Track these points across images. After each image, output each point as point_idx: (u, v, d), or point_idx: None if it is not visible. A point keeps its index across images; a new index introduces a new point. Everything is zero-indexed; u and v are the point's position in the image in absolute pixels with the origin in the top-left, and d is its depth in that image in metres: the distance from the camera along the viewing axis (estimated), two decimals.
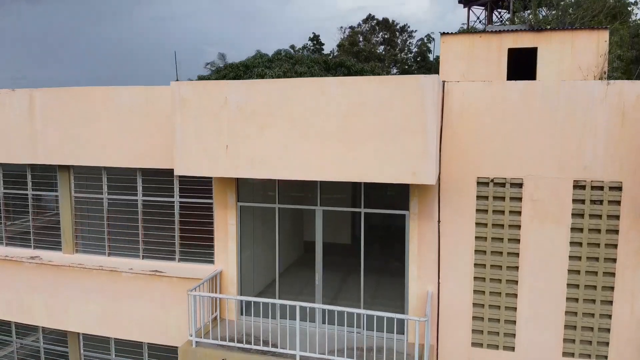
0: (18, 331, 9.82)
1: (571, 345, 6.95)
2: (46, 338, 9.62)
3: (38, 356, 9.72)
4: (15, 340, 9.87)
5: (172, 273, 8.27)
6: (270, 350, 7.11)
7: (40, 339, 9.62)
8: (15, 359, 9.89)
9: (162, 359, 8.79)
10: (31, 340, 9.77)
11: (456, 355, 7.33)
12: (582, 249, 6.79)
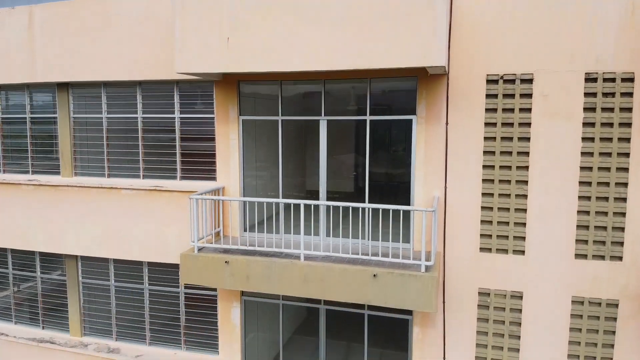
0: (15, 262, 9.62)
1: (584, 247, 6.75)
2: (43, 267, 9.41)
3: (35, 286, 9.52)
4: (12, 271, 9.67)
5: (173, 188, 8.09)
6: (274, 250, 6.95)
7: (37, 267, 9.41)
8: (11, 290, 9.69)
9: (163, 281, 8.60)
10: (28, 270, 9.56)
11: (464, 262, 7.13)
12: (594, 144, 6.60)
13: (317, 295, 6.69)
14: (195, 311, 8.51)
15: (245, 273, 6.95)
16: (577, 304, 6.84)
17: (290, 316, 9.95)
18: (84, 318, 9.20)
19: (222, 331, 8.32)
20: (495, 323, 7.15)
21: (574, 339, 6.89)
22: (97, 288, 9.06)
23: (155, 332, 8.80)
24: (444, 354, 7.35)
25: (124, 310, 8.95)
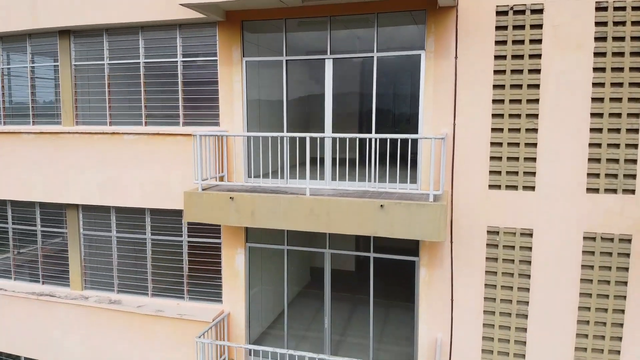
0: (14, 215, 9.49)
1: (595, 180, 6.61)
2: (43, 220, 9.27)
3: (34, 240, 9.38)
4: (11, 226, 9.53)
5: (176, 133, 7.96)
6: (279, 188, 6.86)
7: (38, 219, 9.28)
8: (10, 245, 9.55)
9: (166, 230, 8.46)
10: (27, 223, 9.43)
11: (472, 199, 6.99)
12: (605, 74, 6.47)
13: (323, 229, 6.55)
14: (199, 260, 8.37)
15: (251, 209, 6.81)
16: (589, 240, 6.69)
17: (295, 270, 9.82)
18: (85, 271, 9.06)
19: (226, 279, 8.18)
20: (505, 262, 7.01)
21: (586, 276, 6.75)
22: (98, 240, 8.92)
23: (157, 283, 8.66)
24: (452, 296, 7.21)
25: (126, 262, 8.81)
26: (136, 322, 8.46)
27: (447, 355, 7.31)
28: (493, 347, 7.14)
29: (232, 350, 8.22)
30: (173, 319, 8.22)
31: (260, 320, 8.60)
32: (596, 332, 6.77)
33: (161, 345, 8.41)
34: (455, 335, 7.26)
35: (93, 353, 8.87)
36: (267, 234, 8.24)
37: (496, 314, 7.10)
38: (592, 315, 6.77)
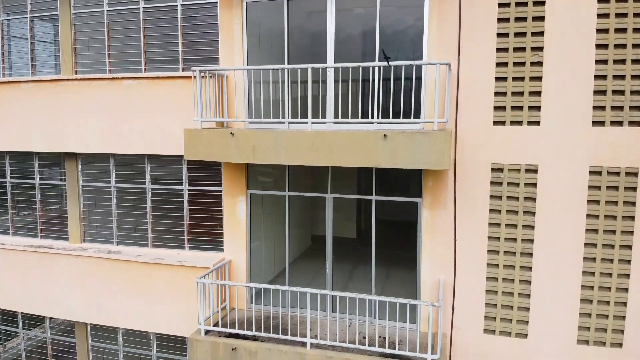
0: (12, 169, 9.40)
1: (601, 113, 6.48)
2: (42, 173, 9.19)
3: (33, 194, 9.29)
4: (9, 180, 9.44)
5: (176, 76, 7.87)
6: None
7: (36, 171, 9.19)
8: (9, 200, 9.46)
9: (166, 179, 8.38)
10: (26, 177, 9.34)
11: (476, 136, 6.88)
12: (610, 4, 6.37)
13: (324, 162, 6.46)
14: (200, 208, 8.28)
15: (252, 144, 6.72)
16: (595, 175, 6.60)
17: (297, 234, 9.73)
18: (84, 224, 8.97)
19: (227, 228, 8.07)
20: (509, 200, 6.91)
21: (592, 212, 6.65)
22: (97, 191, 8.83)
23: (157, 234, 8.56)
24: (455, 235, 7.11)
25: (125, 212, 8.71)
26: (135, 270, 8.37)
27: (451, 296, 7.21)
28: (497, 287, 7.05)
29: (232, 299, 8.11)
30: (173, 266, 8.13)
31: (262, 273, 8.49)
32: (603, 269, 6.67)
33: (161, 294, 8.31)
34: (458, 276, 7.16)
35: (92, 305, 8.78)
36: (269, 181, 8.15)
37: (500, 253, 7.00)
38: (598, 252, 6.66)
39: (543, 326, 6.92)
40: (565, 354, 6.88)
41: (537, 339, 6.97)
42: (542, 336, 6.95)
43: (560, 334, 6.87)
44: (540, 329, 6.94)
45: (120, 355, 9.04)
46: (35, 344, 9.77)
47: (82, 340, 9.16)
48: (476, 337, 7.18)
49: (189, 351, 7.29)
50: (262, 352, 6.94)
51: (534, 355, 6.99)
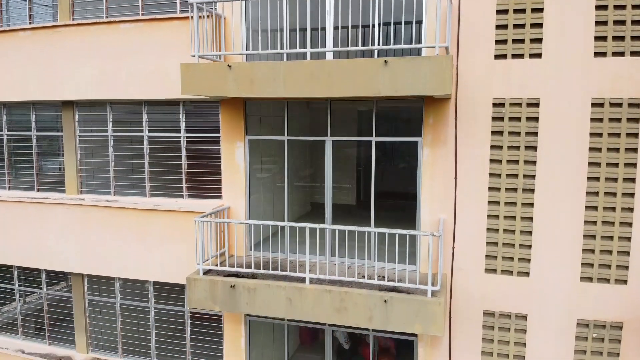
0: (10, 121, 9.32)
1: (603, 44, 6.42)
2: (39, 124, 9.11)
3: (29, 145, 9.20)
4: (6, 133, 9.35)
5: (174, 17, 7.80)
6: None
7: (33, 123, 9.10)
8: (5, 153, 9.37)
9: (164, 126, 8.29)
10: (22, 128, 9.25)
11: (478, 69, 6.81)
12: None
13: (324, 92, 6.37)
14: (198, 156, 8.20)
15: (249, 77, 6.64)
16: (597, 107, 6.51)
17: (297, 200, 9.63)
18: (81, 175, 8.88)
19: (226, 174, 7.97)
20: (511, 135, 6.82)
21: (595, 145, 6.55)
22: (94, 141, 8.74)
23: (155, 182, 8.46)
24: (456, 175, 7.03)
25: (122, 162, 8.62)
26: (133, 218, 8.28)
27: (451, 235, 7.12)
28: (498, 225, 6.96)
29: (232, 247, 8.02)
30: (171, 212, 8.05)
31: (261, 226, 8.39)
32: (606, 203, 6.59)
33: (159, 242, 8.22)
34: (459, 215, 7.08)
35: (88, 255, 8.68)
36: (267, 126, 8.08)
37: (502, 190, 6.91)
38: (601, 185, 6.58)
39: (545, 264, 6.84)
40: (568, 292, 6.79)
41: (539, 277, 6.88)
42: (544, 274, 6.86)
43: (563, 272, 6.79)
44: (542, 267, 6.86)
45: (118, 308, 8.94)
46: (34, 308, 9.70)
47: (79, 294, 9.06)
48: (477, 277, 7.10)
49: (187, 291, 7.20)
50: (261, 288, 6.85)
51: (536, 294, 6.90)
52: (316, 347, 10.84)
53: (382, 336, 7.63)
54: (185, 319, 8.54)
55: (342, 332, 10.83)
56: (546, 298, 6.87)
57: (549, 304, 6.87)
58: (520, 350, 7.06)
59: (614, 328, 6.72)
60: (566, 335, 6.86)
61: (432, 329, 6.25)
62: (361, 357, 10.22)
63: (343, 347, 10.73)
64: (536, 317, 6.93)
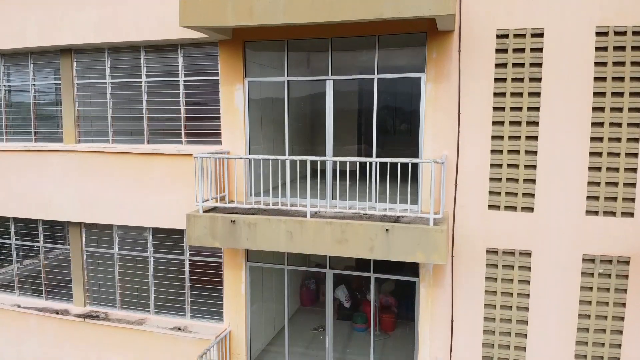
0: (7, 72, 9.23)
1: None
2: (37, 73, 9.01)
3: (27, 96, 9.11)
4: (4, 84, 9.26)
5: None
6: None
7: (31, 73, 9.01)
8: (2, 104, 9.28)
9: (162, 70, 8.18)
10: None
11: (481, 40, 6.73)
12: None
13: (326, 17, 6.27)
14: (196, 99, 8.10)
15: (249, 6, 6.54)
16: (602, 36, 6.41)
17: None
18: (79, 123, 8.77)
19: (225, 118, 7.85)
20: (515, 67, 6.71)
21: (599, 74, 6.44)
22: (92, 88, 8.64)
23: (153, 129, 8.36)
24: (459, 109, 6.92)
25: (121, 109, 8.52)
26: (131, 163, 8.19)
27: (454, 173, 7.00)
28: (502, 160, 6.83)
29: (232, 193, 7.87)
30: (170, 156, 7.98)
31: (261, 179, 8.29)
32: (611, 134, 6.46)
33: (157, 186, 8.13)
34: (462, 151, 6.96)
35: (86, 203, 8.58)
36: (267, 69, 7.97)
37: (505, 124, 6.79)
38: (606, 116, 6.45)
39: (550, 198, 6.72)
40: (574, 226, 6.67)
41: (544, 212, 6.76)
42: (548, 209, 6.74)
43: (568, 205, 6.67)
44: (546, 202, 6.74)
45: (116, 259, 8.83)
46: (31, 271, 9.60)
47: (77, 246, 8.94)
48: (480, 213, 6.98)
49: (187, 229, 7.09)
50: (261, 223, 6.74)
51: (541, 230, 6.79)
52: (317, 309, 10.75)
53: (382, 277, 7.51)
54: (185, 268, 8.42)
55: (342, 290, 10.75)
56: (551, 233, 6.75)
57: (554, 239, 6.75)
58: (524, 289, 6.94)
59: (620, 263, 6.61)
60: (572, 272, 6.75)
61: (434, 257, 6.15)
62: (362, 314, 10.13)
63: (344, 305, 10.65)
64: (541, 254, 6.82)
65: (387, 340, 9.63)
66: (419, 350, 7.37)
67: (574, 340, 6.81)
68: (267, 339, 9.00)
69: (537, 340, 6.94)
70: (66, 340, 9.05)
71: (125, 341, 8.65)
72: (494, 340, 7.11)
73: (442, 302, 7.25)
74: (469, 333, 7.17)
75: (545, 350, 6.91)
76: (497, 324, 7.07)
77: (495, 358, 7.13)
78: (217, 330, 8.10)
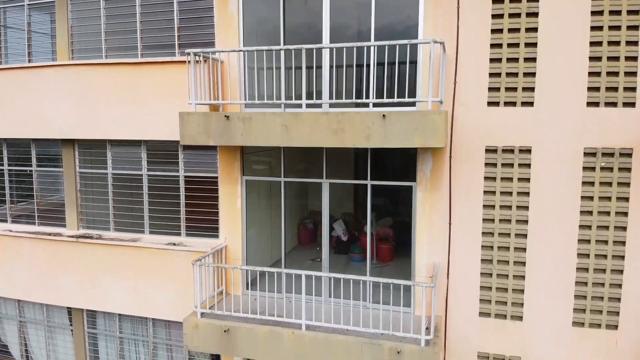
0: None
1: None
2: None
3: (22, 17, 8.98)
4: None
5: None
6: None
7: None
8: None
9: None
10: None
11: None
12: None
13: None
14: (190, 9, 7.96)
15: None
16: None
17: None
18: (72, 40, 8.61)
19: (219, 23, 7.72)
20: None
21: (595, 39, 6.33)
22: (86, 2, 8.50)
23: (148, 42, 8.22)
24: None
25: (114, 24, 8.37)
26: (124, 74, 8.05)
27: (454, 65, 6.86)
28: (502, 41, 6.71)
29: (225, 96, 7.70)
30: (164, 64, 7.82)
31: None
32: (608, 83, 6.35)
33: (152, 97, 7.98)
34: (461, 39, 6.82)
35: (80, 119, 8.42)
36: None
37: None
38: (602, 81, 6.32)
39: (550, 91, 6.57)
40: (574, 118, 6.53)
41: (544, 105, 6.61)
42: (549, 102, 6.60)
43: (569, 97, 6.53)
44: (547, 95, 6.59)
45: (110, 180, 8.69)
46: None
47: (70, 166, 8.81)
48: (480, 110, 6.83)
49: (180, 128, 6.95)
50: (255, 117, 6.65)
51: (541, 124, 6.65)
52: (314, 247, 10.63)
53: (379, 184, 7.33)
54: (180, 185, 8.29)
55: (340, 225, 10.62)
56: (551, 127, 6.61)
57: (554, 133, 6.61)
58: (524, 186, 6.80)
59: (623, 156, 6.47)
60: (573, 166, 6.61)
61: (432, 141, 6.01)
62: (360, 245, 9.99)
63: (341, 239, 10.52)
64: (541, 149, 6.68)
65: (385, 269, 9.51)
66: (416, 256, 7.24)
67: (576, 238, 6.68)
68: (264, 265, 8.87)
69: (538, 240, 6.81)
70: (59, 262, 8.91)
71: (120, 259, 8.51)
72: (493, 242, 6.98)
73: (439, 206, 7.12)
74: (468, 236, 7.04)
75: (546, 250, 6.78)
76: (496, 225, 6.94)
77: (495, 260, 7.00)
78: (213, 245, 7.96)
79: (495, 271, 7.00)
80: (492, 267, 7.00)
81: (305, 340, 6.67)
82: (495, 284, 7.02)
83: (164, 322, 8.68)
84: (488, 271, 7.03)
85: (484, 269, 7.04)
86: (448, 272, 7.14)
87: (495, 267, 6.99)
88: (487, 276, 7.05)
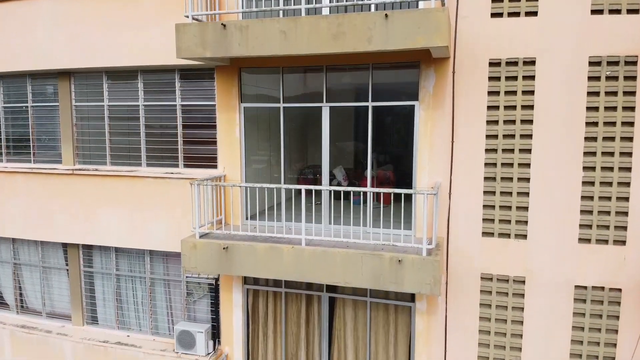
0: None
1: None
2: None
3: None
4: None
5: None
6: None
7: None
8: None
9: None
10: None
11: None
12: None
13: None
14: None
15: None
16: None
17: None
18: None
19: None
20: None
21: None
22: None
23: None
24: None
25: None
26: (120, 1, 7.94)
27: None
28: None
29: None
30: None
31: None
32: None
33: (147, 22, 7.85)
34: None
35: (75, 47, 8.29)
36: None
37: None
38: None
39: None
40: (579, 24, 6.39)
41: (548, 15, 6.50)
42: (553, 11, 6.48)
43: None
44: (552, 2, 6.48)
45: (106, 112, 8.55)
46: None
47: (66, 100, 8.67)
48: (482, 21, 6.70)
49: (176, 40, 6.80)
50: (253, 25, 6.49)
51: (547, 32, 6.52)
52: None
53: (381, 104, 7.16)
54: (177, 115, 8.15)
55: (340, 170, 10.46)
56: (555, 36, 6.45)
57: (559, 42, 6.45)
58: (529, 99, 6.64)
59: (628, 64, 6.32)
60: (578, 76, 6.46)
61: (435, 40, 5.86)
62: (360, 187, 9.82)
63: (342, 184, 10.35)
64: (545, 60, 6.53)
65: (385, 209, 9.34)
66: (417, 176, 7.10)
67: (582, 150, 6.52)
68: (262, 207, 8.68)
69: (542, 154, 6.65)
70: (54, 195, 8.76)
71: (116, 191, 8.37)
72: (496, 159, 6.83)
73: (441, 125, 6.97)
74: (471, 153, 6.89)
75: (550, 164, 6.63)
76: (499, 141, 6.78)
77: (498, 177, 6.85)
78: (212, 175, 7.82)
79: (499, 188, 6.85)
80: (496, 184, 6.85)
81: (305, 254, 6.53)
82: (498, 202, 6.87)
83: (162, 257, 8.53)
84: (491, 189, 6.89)
85: (487, 186, 6.90)
86: (450, 190, 6.99)
87: (498, 184, 6.84)
88: (490, 194, 6.90)
